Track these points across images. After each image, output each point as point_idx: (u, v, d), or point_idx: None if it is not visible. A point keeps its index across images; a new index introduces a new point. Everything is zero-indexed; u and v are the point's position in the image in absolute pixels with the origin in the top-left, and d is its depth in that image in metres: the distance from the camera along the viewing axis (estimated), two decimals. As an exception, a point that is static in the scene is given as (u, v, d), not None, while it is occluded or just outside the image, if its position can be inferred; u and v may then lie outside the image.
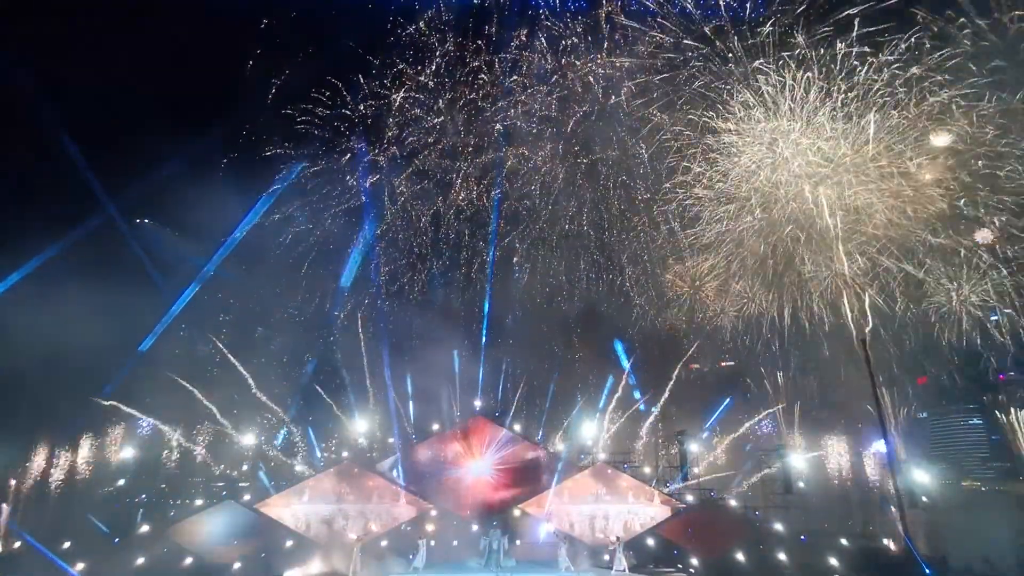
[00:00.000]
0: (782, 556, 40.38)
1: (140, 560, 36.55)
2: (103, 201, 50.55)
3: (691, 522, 45.37)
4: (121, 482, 48.28)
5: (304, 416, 53.90)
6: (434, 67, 51.67)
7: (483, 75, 51.73)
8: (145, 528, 41.83)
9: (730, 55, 43.39)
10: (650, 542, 44.15)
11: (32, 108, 45.90)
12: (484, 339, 56.04)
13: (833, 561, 39.29)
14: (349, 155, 53.73)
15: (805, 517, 50.81)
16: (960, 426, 63.72)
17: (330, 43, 50.76)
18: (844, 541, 43.50)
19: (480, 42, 51.35)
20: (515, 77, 51.53)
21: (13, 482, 45.31)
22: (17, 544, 41.57)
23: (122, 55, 51.44)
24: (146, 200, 52.61)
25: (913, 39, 39.50)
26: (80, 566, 34.26)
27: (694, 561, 40.20)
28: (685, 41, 45.68)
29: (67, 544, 38.04)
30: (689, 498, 49.63)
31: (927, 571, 37.96)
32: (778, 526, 46.27)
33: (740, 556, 40.13)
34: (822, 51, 40.92)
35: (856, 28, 40.27)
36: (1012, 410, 55.15)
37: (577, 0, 50.91)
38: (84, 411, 48.24)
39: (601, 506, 46.28)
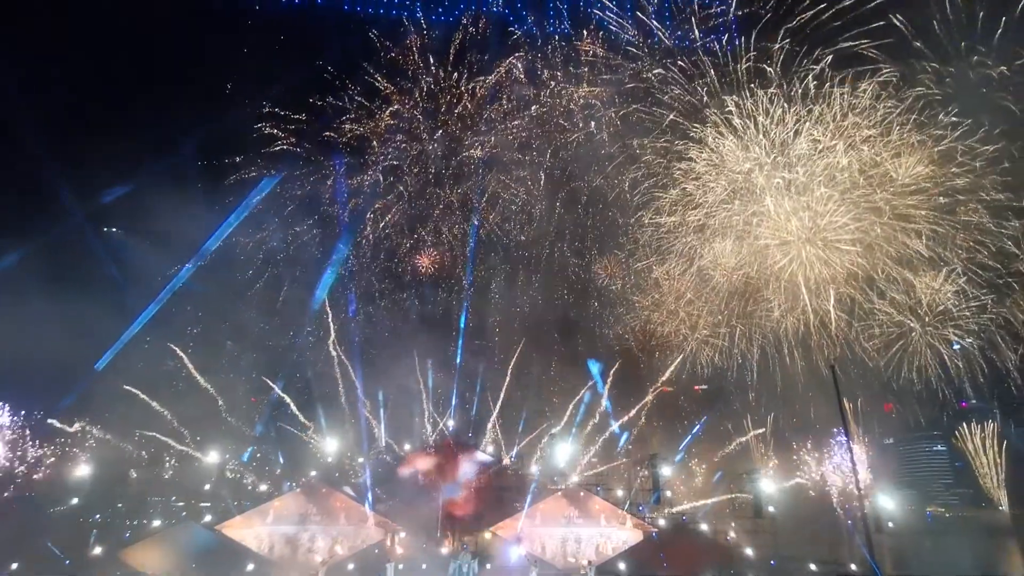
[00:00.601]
0: (752, 581, 40.92)
1: (92, 583, 35.33)
2: (71, 208, 49.98)
3: (663, 546, 45.61)
4: (75, 501, 46.55)
5: (272, 433, 52.97)
6: (417, 92, 52.55)
7: (466, 101, 52.78)
8: (98, 550, 40.42)
9: (706, 88, 45.31)
10: (622, 566, 44.21)
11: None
12: (459, 359, 56.03)
13: (802, 585, 39.97)
14: (327, 175, 53.91)
15: (775, 541, 51.56)
16: (925, 453, 65.64)
17: (312, 65, 51.16)
18: (812, 566, 44.23)
19: (461, 68, 52.49)
20: (495, 105, 52.69)
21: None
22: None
23: (99, 65, 51.47)
24: (117, 209, 52.07)
25: (877, 83, 41.79)
26: (28, 589, 32.99)
27: (665, 585, 40.47)
28: (657, 71, 47.59)
29: (15, 565, 36.53)
30: (661, 522, 49.95)
31: (892, 595, 38.79)
32: (748, 551, 46.81)
33: (711, 580, 40.54)
34: (796, 87, 42.95)
35: (829, 70, 42.40)
36: (973, 437, 57.11)
37: (558, 27, 52.74)
38: (39, 427, 46.70)
39: (573, 529, 46.22)
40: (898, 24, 40.70)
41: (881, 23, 40.89)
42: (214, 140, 52.35)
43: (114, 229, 54.07)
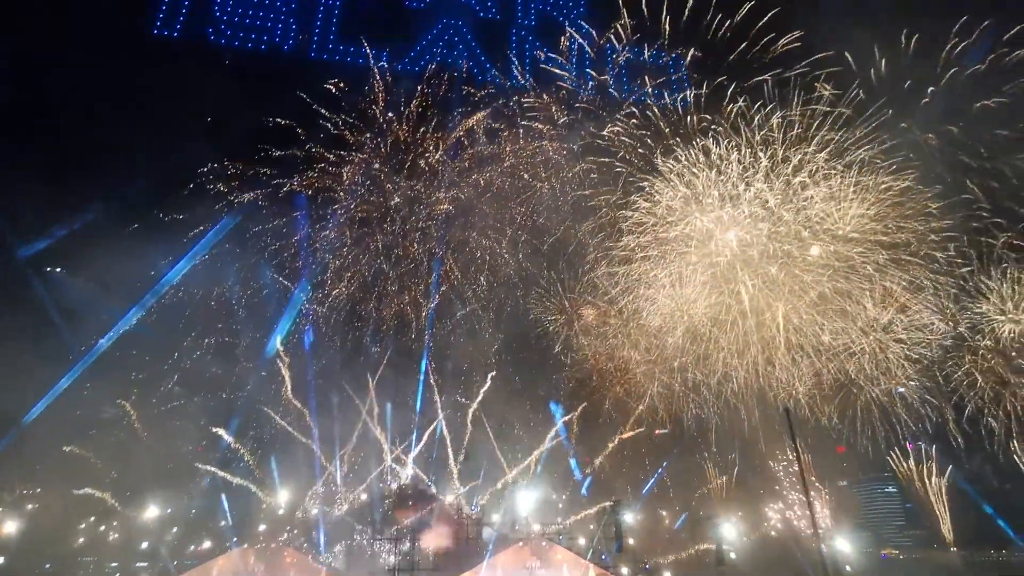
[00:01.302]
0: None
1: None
2: (8, 245, 48.44)
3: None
4: (0, 560, 43.48)
5: (219, 485, 51.02)
6: (382, 145, 53.57)
7: (428, 155, 54.17)
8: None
9: (660, 146, 48.32)
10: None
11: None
12: (419, 406, 55.54)
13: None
14: (287, 223, 53.83)
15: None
16: (877, 494, 67.71)
17: (273, 112, 51.68)
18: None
19: (425, 123, 54.12)
20: (456, 161, 54.33)
21: None
22: None
23: (54, 103, 50.83)
24: (63, 248, 50.60)
25: (816, 146, 45.64)
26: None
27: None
28: (611, 127, 50.70)
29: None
30: (624, 570, 49.99)
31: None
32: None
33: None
34: (743, 146, 46.17)
35: (776, 132, 45.90)
36: (919, 476, 59.57)
37: (520, 82, 55.34)
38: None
39: (535, 581, 45.86)
40: (830, 94, 44.78)
41: (826, 92, 45.05)
42: (169, 183, 51.65)
43: (57, 269, 52.30)
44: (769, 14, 48.22)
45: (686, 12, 51.64)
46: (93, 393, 49.47)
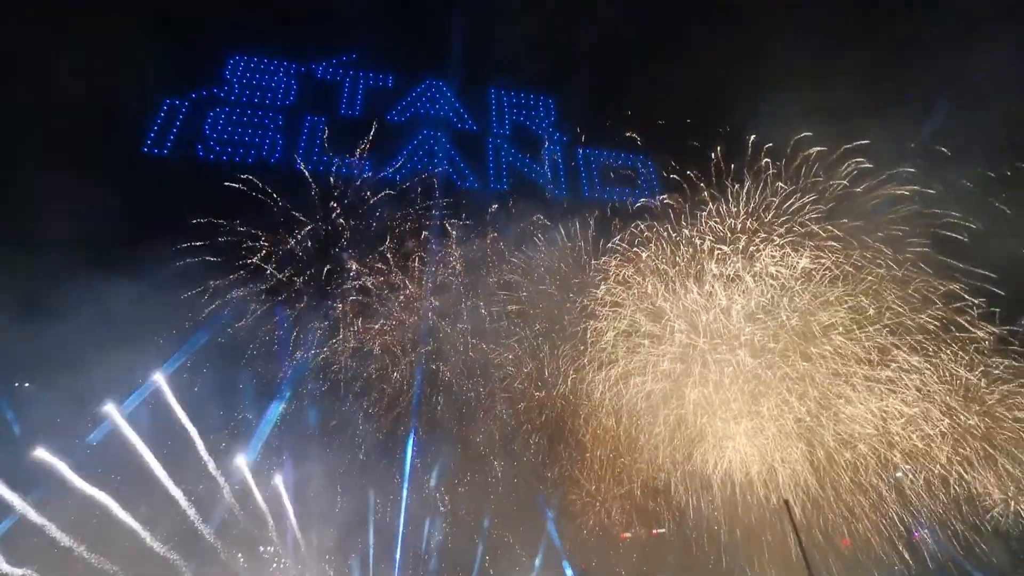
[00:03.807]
0: None
1: None
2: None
3: None
4: None
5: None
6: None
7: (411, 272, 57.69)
8: None
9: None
10: None
11: None
12: (403, 526, 54.83)
13: None
14: (264, 332, 55.56)
15: None
16: (891, 592, 65.88)
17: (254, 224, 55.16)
18: None
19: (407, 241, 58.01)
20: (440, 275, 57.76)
21: None
22: None
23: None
24: (33, 362, 51.25)
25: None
26: None
27: None
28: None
29: None
30: None
31: None
32: None
33: None
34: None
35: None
36: (929, 567, 59.05)
37: (498, 184, 60.47)
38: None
39: None
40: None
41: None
42: (146, 295, 53.27)
43: (26, 384, 52.67)
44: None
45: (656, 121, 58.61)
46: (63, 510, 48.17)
